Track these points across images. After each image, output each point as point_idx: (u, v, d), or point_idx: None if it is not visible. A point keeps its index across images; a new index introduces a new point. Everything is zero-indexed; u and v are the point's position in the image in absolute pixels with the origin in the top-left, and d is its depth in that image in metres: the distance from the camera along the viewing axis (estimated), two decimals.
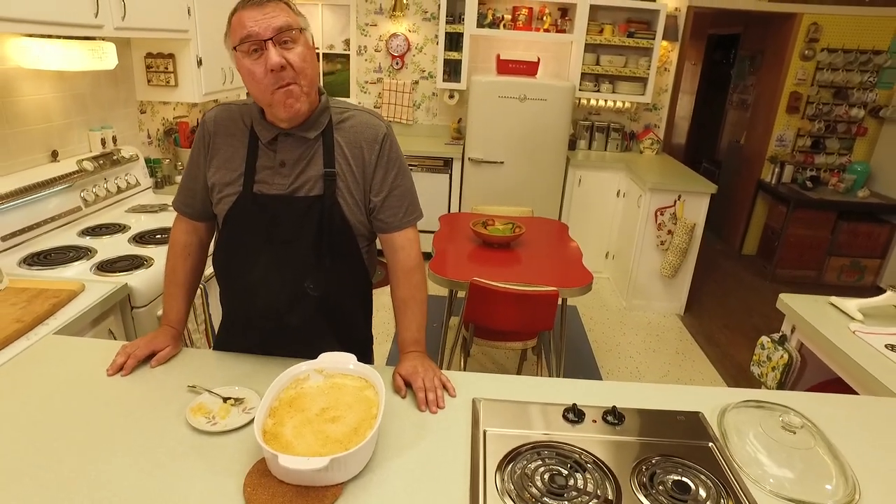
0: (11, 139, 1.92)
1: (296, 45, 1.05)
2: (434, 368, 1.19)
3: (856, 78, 4.25)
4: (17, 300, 1.40)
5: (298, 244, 1.18)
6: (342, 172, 1.17)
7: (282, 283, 1.21)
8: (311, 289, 1.21)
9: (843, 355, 1.49)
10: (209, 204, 1.24)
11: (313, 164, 1.16)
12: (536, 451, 1.01)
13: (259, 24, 1.01)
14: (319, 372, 1.09)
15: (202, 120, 1.21)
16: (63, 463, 0.92)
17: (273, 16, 1.02)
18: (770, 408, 1.14)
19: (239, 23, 1.03)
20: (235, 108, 1.20)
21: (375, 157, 1.18)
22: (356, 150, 1.17)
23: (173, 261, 1.28)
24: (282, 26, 1.02)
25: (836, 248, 4.28)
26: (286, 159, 1.15)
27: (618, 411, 1.12)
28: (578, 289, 2.19)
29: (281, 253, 1.19)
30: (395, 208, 1.22)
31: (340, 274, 1.24)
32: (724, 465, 1.01)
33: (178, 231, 1.29)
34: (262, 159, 1.16)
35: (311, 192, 1.16)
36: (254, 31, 1.01)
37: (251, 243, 1.19)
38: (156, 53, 2.49)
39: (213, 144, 1.19)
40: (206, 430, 1.01)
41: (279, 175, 1.16)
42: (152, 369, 1.18)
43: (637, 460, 1.01)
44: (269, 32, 1.01)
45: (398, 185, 1.21)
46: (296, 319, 1.24)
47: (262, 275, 1.21)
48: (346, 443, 0.93)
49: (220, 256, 1.25)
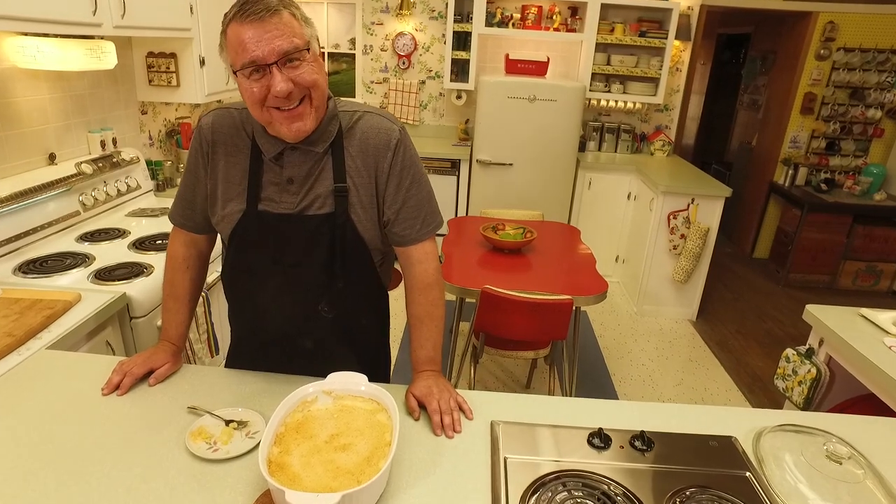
0: (7, 141, 1.85)
1: (303, 62, 0.95)
2: (450, 389, 1.12)
3: (873, 78, 4.15)
4: (10, 312, 1.34)
5: (310, 265, 1.10)
6: (354, 186, 1.08)
7: (293, 306, 1.14)
8: (326, 311, 1.14)
9: (878, 371, 1.41)
10: (208, 217, 1.17)
11: (323, 180, 1.07)
12: (562, 482, 0.94)
13: (261, 48, 0.91)
14: (328, 394, 1.02)
15: (198, 125, 1.12)
16: (51, 490, 0.85)
17: (277, 35, 0.91)
18: (810, 433, 1.07)
19: (238, 42, 0.91)
20: (236, 114, 1.10)
21: (388, 166, 1.08)
22: (368, 158, 1.08)
23: (171, 274, 1.21)
24: (288, 50, 0.92)
25: (851, 253, 4.19)
26: (294, 176, 1.06)
27: (646, 436, 1.05)
28: (593, 297, 2.11)
29: (291, 274, 1.11)
30: (411, 220, 1.13)
31: (355, 293, 1.16)
32: (763, 496, 0.94)
33: (176, 243, 1.21)
34: (267, 174, 1.07)
35: (321, 209, 1.07)
36: (257, 55, 0.91)
37: (259, 265, 1.12)
38: (157, 53, 2.42)
39: (213, 153, 1.10)
40: (207, 458, 0.94)
41: (287, 192, 1.07)
42: (150, 388, 1.11)
43: (670, 492, 0.93)
44: (274, 57, 0.91)
45: (413, 194, 1.12)
46: (309, 342, 1.18)
47: (272, 297, 1.14)
48: (359, 474, 0.85)
49: (228, 277, 1.19)
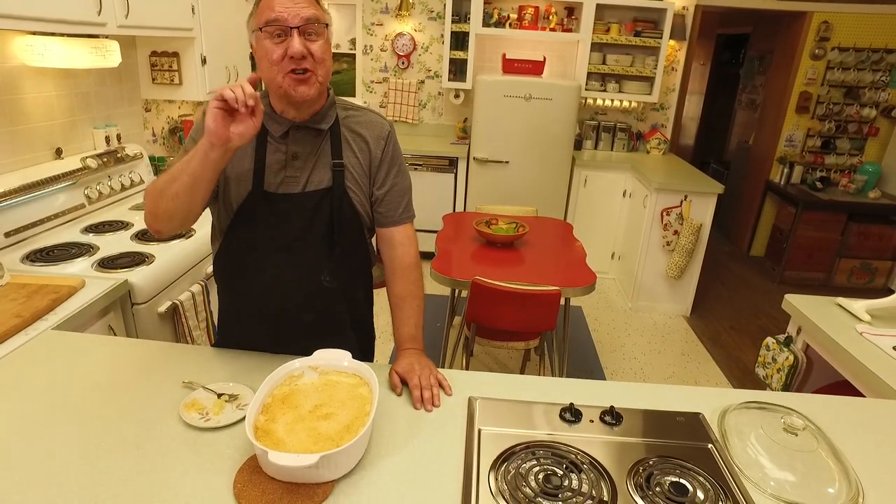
0: (15, 136, 1.93)
1: (319, 38, 1.07)
2: (430, 366, 1.19)
3: (867, 77, 4.18)
4: (17, 296, 1.41)
5: (312, 237, 1.18)
6: (350, 165, 1.19)
7: (298, 281, 1.20)
8: (328, 281, 1.21)
9: (849, 357, 1.46)
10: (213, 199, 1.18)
11: (323, 157, 1.17)
12: (531, 451, 1.00)
13: (289, 11, 1.03)
14: (314, 369, 1.08)
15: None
16: (55, 457, 0.91)
17: (304, 5, 1.04)
18: (772, 409, 1.12)
19: (268, 5, 1.04)
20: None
21: (381, 153, 1.22)
22: (363, 144, 1.21)
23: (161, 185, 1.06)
24: (310, 17, 1.04)
25: (846, 250, 4.22)
26: (299, 152, 1.16)
27: (615, 411, 1.11)
28: (581, 288, 2.17)
29: (294, 249, 1.18)
30: (395, 203, 1.26)
31: (352, 264, 1.25)
32: (723, 467, 0.99)
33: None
34: (272, 155, 1.15)
35: (320, 184, 1.17)
36: (283, 16, 1.02)
37: (263, 243, 1.17)
38: (160, 52, 2.50)
39: None
40: (199, 426, 1.01)
41: (291, 168, 1.15)
42: (147, 366, 1.18)
43: (634, 461, 0.99)
44: (298, 21, 1.03)
45: (399, 181, 1.26)
46: (311, 314, 1.24)
47: (276, 274, 1.20)
48: (338, 440, 0.92)
49: (229, 257, 1.22)
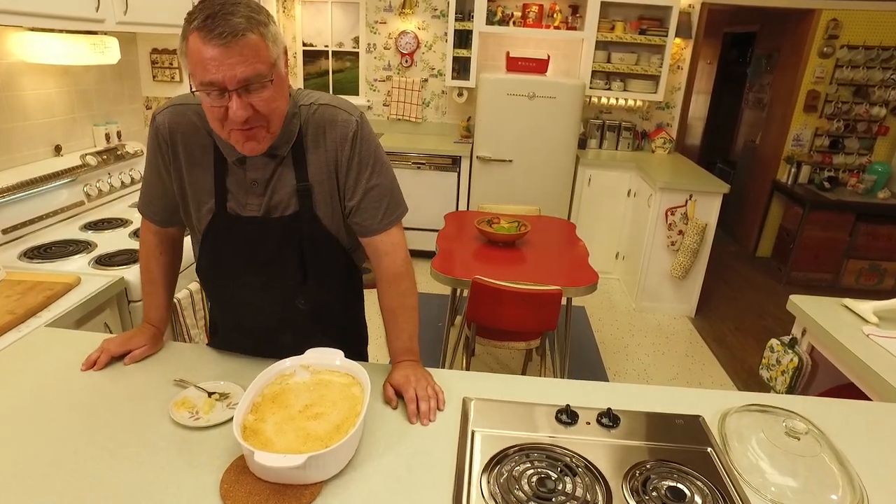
0: (15, 133, 1.92)
1: (263, 89, 0.92)
2: (427, 377, 1.13)
3: (877, 75, 4.12)
4: (12, 292, 1.40)
5: (282, 265, 1.12)
6: (316, 182, 1.08)
7: (271, 303, 1.17)
8: (302, 304, 1.17)
9: (855, 359, 1.43)
10: (173, 212, 1.18)
11: (286, 180, 1.07)
12: (526, 454, 0.98)
13: (221, 71, 0.87)
14: (306, 368, 1.06)
15: (154, 124, 1.08)
16: (42, 454, 0.90)
17: (239, 61, 0.87)
18: (774, 412, 1.09)
19: (199, 59, 0.87)
20: (192, 113, 1.06)
21: (346, 159, 1.07)
22: (328, 153, 1.07)
23: (146, 260, 1.23)
24: (249, 77, 0.89)
25: (854, 251, 4.17)
26: (258, 178, 1.07)
27: (613, 413, 1.08)
28: (583, 288, 2.14)
29: (265, 274, 1.13)
30: (372, 210, 1.11)
31: (330, 285, 1.19)
32: (722, 471, 0.97)
33: (147, 232, 1.23)
34: (232, 176, 1.08)
35: (286, 210, 1.09)
36: (216, 79, 0.87)
37: (233, 265, 1.14)
38: (161, 49, 2.50)
39: (174, 155, 1.09)
40: (188, 425, 0.99)
41: (253, 194, 1.08)
42: (141, 363, 1.17)
43: (631, 465, 0.97)
44: (234, 84, 0.88)
45: (374, 184, 1.10)
46: (289, 335, 1.19)
47: (248, 295, 1.16)
48: (328, 440, 0.90)
49: (203, 275, 1.20)
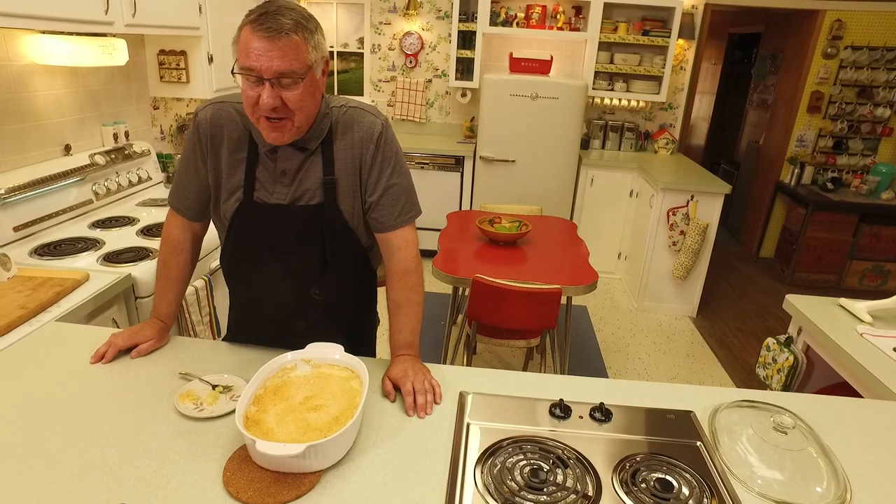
0: (25, 133, 1.97)
1: (296, 87, 1.02)
2: (425, 371, 1.16)
3: (881, 76, 4.12)
4: (23, 288, 1.44)
5: (302, 253, 1.19)
6: (341, 177, 1.16)
7: (288, 291, 1.22)
8: (317, 294, 1.22)
9: (848, 357, 1.45)
10: (205, 205, 1.25)
11: (313, 173, 1.15)
12: (519, 446, 1.00)
13: (261, 61, 0.98)
14: (307, 362, 1.10)
15: (196, 120, 1.18)
16: (52, 443, 0.94)
17: (279, 56, 0.98)
18: (763, 408, 1.12)
19: (245, 46, 0.99)
20: (232, 109, 1.16)
21: (371, 157, 1.17)
22: (354, 150, 1.16)
23: (165, 256, 1.28)
24: (284, 72, 0.99)
25: (857, 252, 4.16)
26: (287, 168, 1.15)
27: (605, 408, 1.11)
28: (582, 287, 2.16)
29: (285, 262, 1.19)
30: (390, 207, 1.20)
31: (345, 278, 1.25)
32: (711, 465, 0.99)
33: (172, 227, 1.28)
34: (262, 166, 1.16)
35: (311, 200, 1.16)
36: (256, 66, 0.98)
37: (256, 252, 1.20)
38: (168, 50, 2.54)
39: (212, 146, 1.17)
40: (193, 416, 1.03)
41: (280, 184, 1.16)
42: (148, 356, 1.20)
43: (621, 457, 0.99)
44: (269, 74, 0.99)
45: (393, 183, 1.19)
46: (303, 324, 1.25)
47: (268, 282, 1.22)
48: (327, 431, 0.93)
49: (227, 262, 1.26)
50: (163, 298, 1.28)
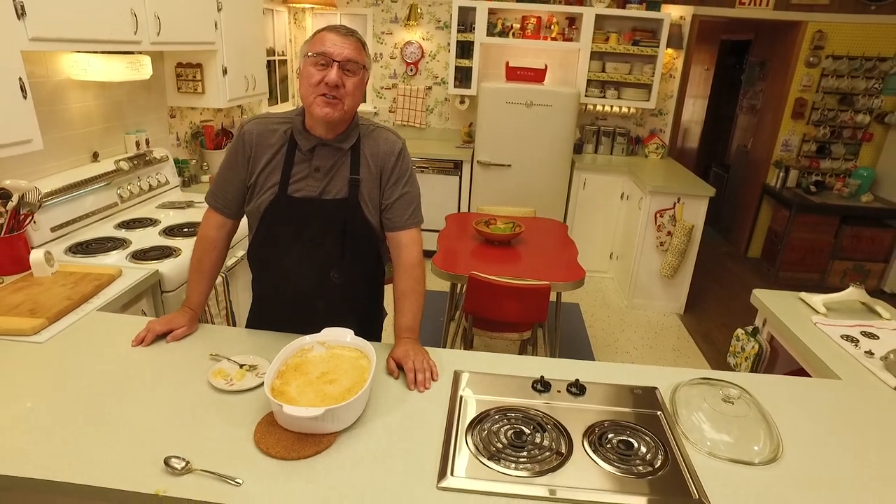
0: (61, 142, 2.15)
1: (354, 76, 1.29)
2: (424, 353, 1.34)
3: (861, 84, 4.30)
4: (66, 282, 1.62)
5: (325, 239, 1.39)
6: (364, 178, 1.38)
7: (310, 272, 1.42)
8: (336, 277, 1.42)
9: (801, 344, 1.62)
10: (241, 204, 1.43)
11: (342, 171, 1.37)
12: (504, 413, 1.18)
13: (336, 48, 1.26)
14: (322, 344, 1.27)
15: (242, 131, 1.38)
16: (106, 412, 1.11)
17: (350, 47, 1.27)
18: (717, 384, 1.29)
19: (321, 39, 1.27)
20: (275, 120, 1.39)
21: (391, 167, 1.41)
22: (378, 160, 1.40)
23: (200, 253, 1.46)
24: (351, 58, 1.27)
25: (839, 252, 4.34)
26: (321, 165, 1.36)
27: (580, 384, 1.28)
28: (570, 283, 2.34)
29: (310, 247, 1.39)
30: (402, 210, 1.43)
31: (359, 265, 1.45)
32: (668, 430, 1.16)
33: (209, 226, 1.46)
34: (298, 166, 1.36)
35: (337, 195, 1.37)
36: (329, 51, 1.26)
37: (285, 238, 1.39)
38: (185, 63, 2.72)
39: (255, 154, 1.37)
40: (225, 390, 1.20)
41: (313, 179, 1.36)
42: (181, 341, 1.38)
43: (591, 423, 1.17)
44: (340, 57, 1.26)
45: (406, 191, 1.44)
46: (322, 303, 1.44)
47: (293, 264, 1.42)
48: (341, 399, 1.10)
49: (257, 248, 1.45)
50: (195, 290, 1.46)
